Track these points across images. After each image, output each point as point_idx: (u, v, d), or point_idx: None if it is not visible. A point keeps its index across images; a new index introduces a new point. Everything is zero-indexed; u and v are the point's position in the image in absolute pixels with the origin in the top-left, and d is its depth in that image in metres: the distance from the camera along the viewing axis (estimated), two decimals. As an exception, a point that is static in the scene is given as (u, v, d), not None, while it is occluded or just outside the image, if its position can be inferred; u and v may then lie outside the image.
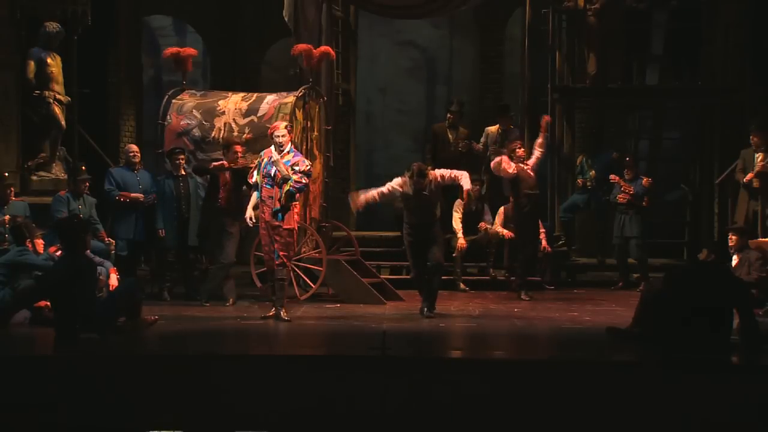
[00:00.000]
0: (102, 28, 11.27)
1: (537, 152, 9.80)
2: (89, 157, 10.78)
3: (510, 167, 9.69)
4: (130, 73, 12.77)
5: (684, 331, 6.44)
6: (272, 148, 8.40)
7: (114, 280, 8.24)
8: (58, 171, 10.32)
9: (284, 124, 8.61)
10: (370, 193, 8.66)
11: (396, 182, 8.58)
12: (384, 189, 8.63)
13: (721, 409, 5.71)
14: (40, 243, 8.05)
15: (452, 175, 8.58)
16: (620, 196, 10.82)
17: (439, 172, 8.62)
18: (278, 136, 8.34)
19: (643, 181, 10.84)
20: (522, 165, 9.72)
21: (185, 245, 9.60)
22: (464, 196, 8.69)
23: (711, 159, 11.88)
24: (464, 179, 8.57)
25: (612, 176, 10.92)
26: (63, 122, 10.33)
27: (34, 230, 8.18)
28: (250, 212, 8.46)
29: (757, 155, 10.14)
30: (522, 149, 9.87)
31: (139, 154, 9.92)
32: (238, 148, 9.18)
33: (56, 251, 8.02)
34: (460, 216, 10.63)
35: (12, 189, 9.17)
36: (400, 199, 8.69)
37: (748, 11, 11.52)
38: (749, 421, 5.69)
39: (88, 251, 7.74)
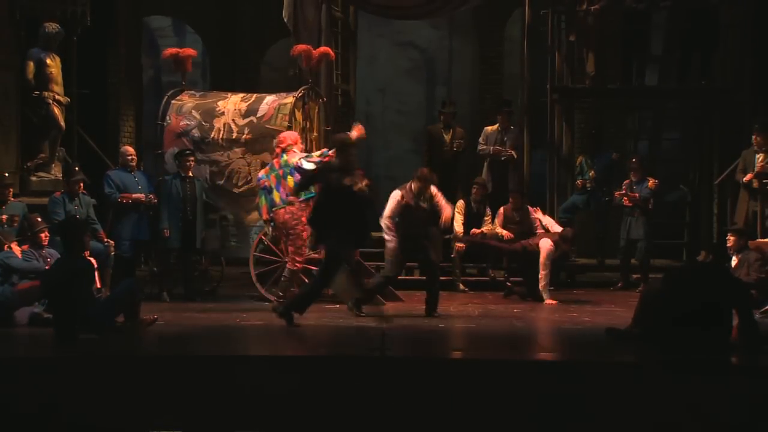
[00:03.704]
0: (101, 28, 11.27)
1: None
2: (89, 158, 10.78)
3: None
4: (130, 74, 12.77)
5: (683, 331, 6.44)
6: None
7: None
8: (57, 172, 10.30)
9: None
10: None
11: (396, 193, 8.75)
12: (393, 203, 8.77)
13: (721, 410, 5.71)
14: (17, 249, 8.14)
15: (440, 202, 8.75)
16: (625, 198, 10.76)
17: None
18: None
19: (649, 183, 10.78)
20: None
21: (190, 247, 9.57)
22: (441, 221, 8.72)
23: (710, 160, 11.86)
24: (446, 210, 8.74)
25: (619, 192, 10.84)
26: (62, 123, 10.32)
27: (11, 236, 8.38)
28: None
29: (758, 156, 10.14)
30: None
31: (135, 157, 9.93)
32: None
33: (28, 248, 8.19)
34: (462, 218, 10.63)
35: (11, 190, 9.18)
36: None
37: (747, 12, 11.51)
38: (748, 421, 5.69)
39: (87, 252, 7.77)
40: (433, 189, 8.75)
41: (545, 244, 9.71)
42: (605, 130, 12.44)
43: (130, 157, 9.83)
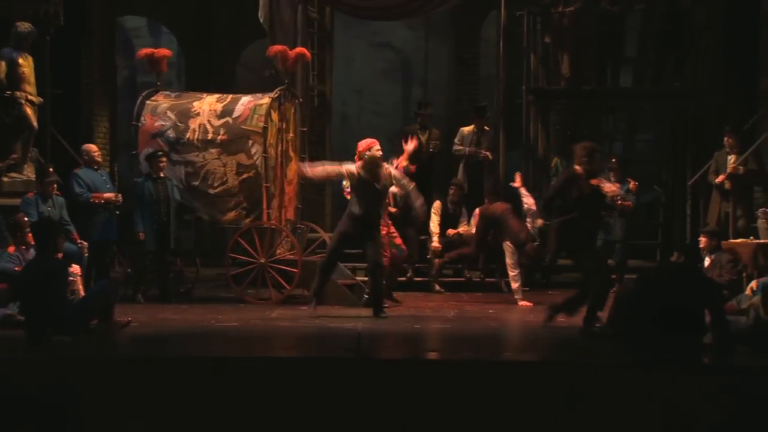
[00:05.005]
0: (75, 28, 11.18)
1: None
2: (62, 159, 10.69)
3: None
4: (104, 74, 12.68)
5: (656, 331, 6.48)
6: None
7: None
8: (29, 172, 10.20)
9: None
10: (320, 168, 8.71)
11: (349, 167, 8.57)
12: (337, 168, 8.62)
13: (693, 409, 5.75)
14: None
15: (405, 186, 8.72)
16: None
17: (394, 171, 8.63)
18: (379, 149, 8.59)
19: (630, 185, 10.79)
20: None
21: (165, 248, 9.52)
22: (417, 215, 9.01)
23: (684, 161, 11.96)
24: (418, 201, 8.77)
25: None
26: (35, 123, 10.22)
27: None
28: None
29: (729, 157, 10.23)
30: None
31: (99, 152, 9.90)
32: None
33: (14, 251, 8.12)
34: (438, 219, 10.64)
35: None
36: (352, 185, 8.65)
37: (721, 14, 11.60)
38: (720, 421, 5.74)
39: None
40: (388, 168, 8.68)
41: (508, 248, 9.73)
42: (580, 131, 12.49)
43: (95, 154, 9.79)
